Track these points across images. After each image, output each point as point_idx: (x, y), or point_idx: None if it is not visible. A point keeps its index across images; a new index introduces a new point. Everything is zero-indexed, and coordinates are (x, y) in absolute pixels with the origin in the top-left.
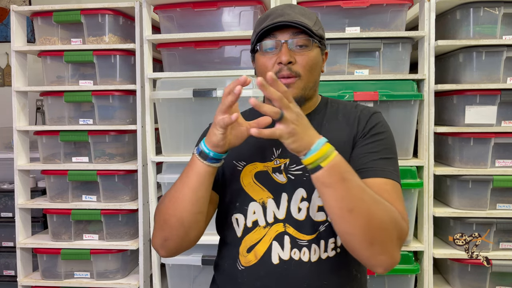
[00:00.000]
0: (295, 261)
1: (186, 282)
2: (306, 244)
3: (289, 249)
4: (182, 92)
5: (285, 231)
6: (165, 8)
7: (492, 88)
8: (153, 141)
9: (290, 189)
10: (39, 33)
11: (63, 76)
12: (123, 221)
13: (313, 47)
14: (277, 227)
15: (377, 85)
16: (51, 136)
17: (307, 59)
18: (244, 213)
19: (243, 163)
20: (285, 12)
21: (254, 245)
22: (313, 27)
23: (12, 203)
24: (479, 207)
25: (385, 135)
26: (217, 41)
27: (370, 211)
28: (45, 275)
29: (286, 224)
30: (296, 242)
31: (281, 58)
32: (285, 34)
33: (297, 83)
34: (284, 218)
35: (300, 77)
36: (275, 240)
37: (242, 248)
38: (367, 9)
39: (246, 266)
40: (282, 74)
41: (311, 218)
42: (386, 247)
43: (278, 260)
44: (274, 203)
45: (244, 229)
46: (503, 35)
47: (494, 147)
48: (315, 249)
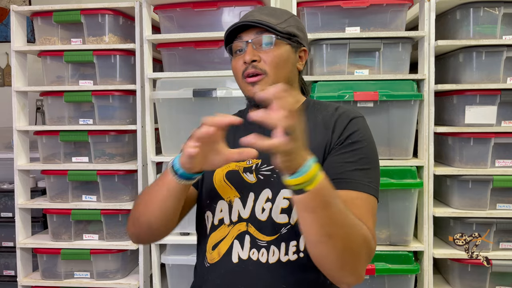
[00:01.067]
0: (253, 261)
1: (186, 282)
2: (265, 245)
3: (248, 249)
4: (182, 92)
5: (247, 231)
6: (165, 8)
7: (492, 88)
8: (153, 141)
9: (257, 189)
10: (39, 33)
11: (63, 76)
12: (123, 221)
13: (280, 45)
14: (240, 226)
15: (377, 85)
16: (51, 136)
17: (272, 56)
18: (213, 210)
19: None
20: (251, 14)
21: (218, 243)
22: (279, 25)
23: (12, 203)
24: (479, 207)
25: (363, 144)
26: (217, 41)
27: (347, 236)
28: (45, 275)
29: (248, 223)
30: (255, 242)
31: (244, 58)
32: (249, 35)
33: (264, 80)
34: (247, 218)
35: (267, 74)
36: (236, 239)
37: (208, 245)
38: (367, 9)
39: (211, 263)
40: (247, 72)
41: (272, 219)
42: (356, 269)
43: (237, 259)
44: (240, 202)
45: (211, 227)
46: (503, 35)
47: (494, 147)
48: (273, 250)
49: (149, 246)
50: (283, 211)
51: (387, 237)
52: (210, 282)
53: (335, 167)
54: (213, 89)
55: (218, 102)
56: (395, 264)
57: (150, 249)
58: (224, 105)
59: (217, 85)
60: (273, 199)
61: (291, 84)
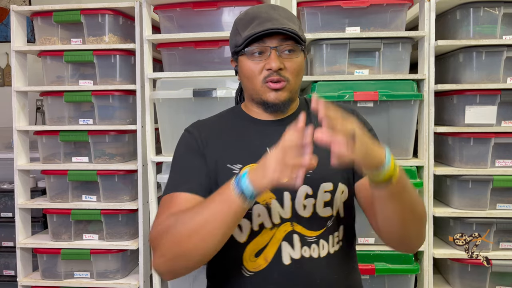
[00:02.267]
0: (306, 259)
1: (186, 282)
2: (315, 241)
3: (299, 248)
4: (182, 92)
5: (293, 230)
6: (165, 8)
7: (492, 88)
8: (153, 141)
9: (291, 187)
10: (39, 33)
11: (63, 76)
12: (123, 221)
13: (300, 52)
14: (285, 227)
15: (377, 85)
16: (51, 136)
17: (295, 65)
18: (249, 217)
19: (239, 165)
20: (272, 17)
21: (262, 249)
22: (299, 32)
23: (12, 203)
24: (479, 207)
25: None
26: (217, 41)
27: (421, 206)
28: (45, 275)
29: (293, 223)
30: (305, 239)
31: (271, 65)
32: (273, 40)
33: (286, 87)
34: (290, 217)
35: (289, 82)
36: (284, 240)
37: (247, 254)
38: (367, 9)
39: (256, 271)
40: (271, 78)
41: (317, 214)
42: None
43: (289, 260)
44: (277, 203)
45: (250, 234)
46: (503, 35)
47: (494, 147)
48: (323, 244)
49: (149, 246)
50: (326, 205)
51: None
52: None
53: None
54: (213, 89)
55: (218, 102)
56: (395, 264)
57: (150, 249)
58: (224, 105)
59: (217, 85)
60: (314, 195)
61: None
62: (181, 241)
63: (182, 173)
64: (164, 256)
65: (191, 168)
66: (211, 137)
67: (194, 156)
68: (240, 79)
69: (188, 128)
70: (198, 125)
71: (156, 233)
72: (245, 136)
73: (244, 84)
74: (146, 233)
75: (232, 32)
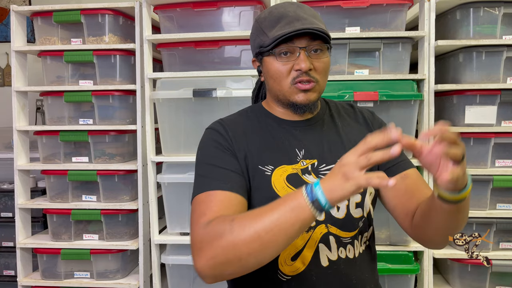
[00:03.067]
0: (343, 260)
1: (186, 282)
2: (349, 241)
3: (336, 249)
4: (182, 92)
5: (329, 232)
6: (165, 8)
7: (492, 88)
8: (153, 141)
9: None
10: (39, 33)
11: (63, 76)
12: (123, 221)
13: (327, 52)
14: (320, 229)
15: (377, 85)
16: (51, 136)
17: (324, 65)
18: None
19: (271, 167)
20: (300, 16)
21: (299, 252)
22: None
23: (12, 203)
24: (479, 207)
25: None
26: (217, 41)
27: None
28: (45, 275)
29: (328, 224)
30: (340, 240)
31: (300, 66)
32: (302, 40)
33: (315, 88)
34: (324, 219)
35: (318, 82)
36: (321, 242)
37: (283, 258)
38: (367, 9)
39: (293, 275)
40: (301, 79)
41: (351, 215)
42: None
43: (327, 262)
44: None
45: None
46: (503, 35)
47: (494, 147)
48: (356, 244)
49: (149, 246)
50: (357, 206)
51: (387, 237)
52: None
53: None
54: (213, 89)
55: (218, 102)
56: (395, 264)
57: (150, 249)
58: (224, 105)
59: (217, 85)
60: None
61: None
62: (238, 246)
63: (216, 171)
64: (214, 259)
65: (225, 165)
66: (237, 136)
67: (225, 154)
68: (265, 80)
69: (212, 126)
70: (222, 123)
71: (205, 235)
72: (273, 136)
73: (269, 85)
74: (146, 233)
75: (255, 31)
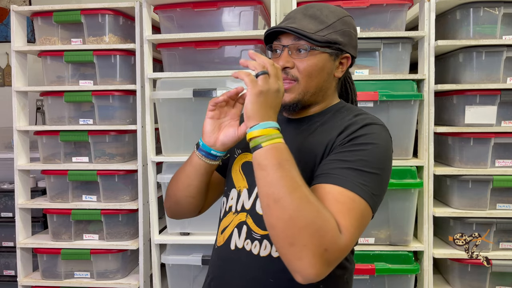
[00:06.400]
0: (246, 252)
1: (186, 282)
2: (258, 238)
3: (243, 239)
4: (182, 92)
5: (245, 221)
6: (165, 8)
7: (492, 88)
8: (153, 141)
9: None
10: (39, 33)
11: (63, 76)
12: (123, 221)
13: (316, 54)
14: (241, 216)
15: (377, 85)
16: (51, 136)
17: (305, 65)
18: (227, 197)
19: (239, 151)
20: (292, 16)
21: (225, 228)
22: (318, 32)
23: (12, 203)
24: (479, 207)
25: (369, 147)
26: (217, 41)
27: (297, 208)
28: (45, 275)
29: (248, 215)
30: (251, 233)
31: (278, 62)
32: (288, 39)
33: (294, 87)
34: (248, 209)
35: (298, 81)
36: (236, 228)
37: (219, 229)
38: (367, 9)
39: (218, 246)
40: (283, 77)
41: None
42: (307, 253)
43: (234, 247)
44: (247, 193)
45: (224, 212)
46: (503, 35)
47: (494, 147)
48: (266, 245)
49: (149, 246)
50: None
51: (387, 237)
52: (215, 262)
53: (328, 163)
54: (213, 89)
55: None
56: (395, 264)
57: (150, 249)
58: None
59: (217, 85)
60: None
61: (324, 91)
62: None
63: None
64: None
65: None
66: None
67: None
68: None
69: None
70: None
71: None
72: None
73: None
74: (146, 233)
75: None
